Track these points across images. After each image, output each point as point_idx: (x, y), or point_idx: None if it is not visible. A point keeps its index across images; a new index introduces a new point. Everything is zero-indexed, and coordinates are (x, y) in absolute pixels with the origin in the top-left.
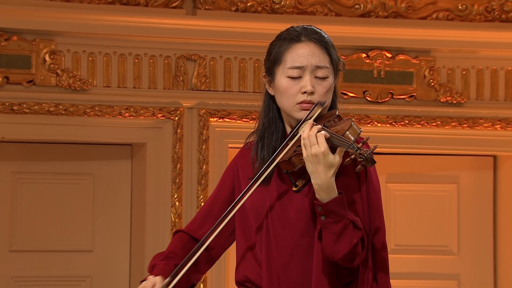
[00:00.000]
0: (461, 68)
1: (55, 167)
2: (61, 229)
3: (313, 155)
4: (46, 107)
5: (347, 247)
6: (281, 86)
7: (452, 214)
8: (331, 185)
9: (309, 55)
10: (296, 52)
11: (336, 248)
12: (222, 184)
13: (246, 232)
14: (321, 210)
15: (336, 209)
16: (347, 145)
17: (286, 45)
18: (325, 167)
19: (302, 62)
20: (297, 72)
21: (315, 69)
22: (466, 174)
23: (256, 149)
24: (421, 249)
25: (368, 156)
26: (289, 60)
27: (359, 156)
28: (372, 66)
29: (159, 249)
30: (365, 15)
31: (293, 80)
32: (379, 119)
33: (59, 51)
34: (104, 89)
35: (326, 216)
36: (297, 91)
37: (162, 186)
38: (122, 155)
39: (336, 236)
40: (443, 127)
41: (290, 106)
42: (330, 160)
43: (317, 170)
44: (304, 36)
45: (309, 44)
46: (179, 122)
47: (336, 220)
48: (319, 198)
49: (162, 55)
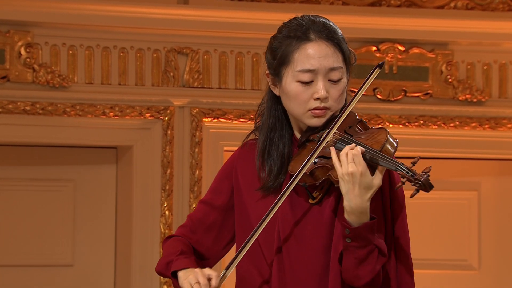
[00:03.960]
0: (482, 63)
1: (31, 172)
2: (38, 241)
3: (349, 174)
4: (22, 106)
5: (370, 274)
6: (291, 91)
7: (472, 224)
8: (365, 210)
9: (321, 57)
10: (306, 53)
11: (359, 273)
12: (218, 189)
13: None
14: (349, 233)
15: (365, 234)
16: (395, 166)
17: (295, 44)
18: (362, 188)
19: (314, 64)
20: (308, 76)
21: (328, 72)
22: (487, 180)
23: (262, 156)
24: (437, 263)
25: (426, 181)
26: (299, 62)
27: (415, 181)
28: (383, 60)
29: (147, 263)
30: (375, 4)
31: (304, 85)
32: (391, 119)
33: (35, 44)
34: (86, 86)
35: (352, 240)
36: (309, 97)
37: (151, 194)
38: (106, 159)
39: (358, 262)
40: (462, 128)
41: (301, 113)
42: (368, 182)
43: (353, 191)
44: (313, 33)
45: (320, 43)
46: (169, 123)
47: (362, 245)
48: (349, 220)
49: (150, 48)
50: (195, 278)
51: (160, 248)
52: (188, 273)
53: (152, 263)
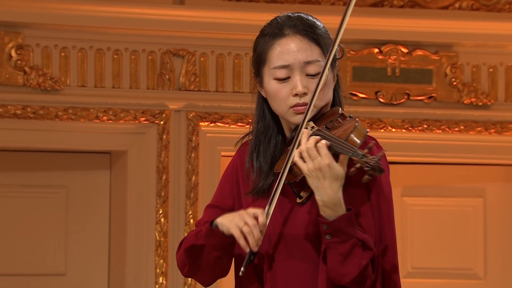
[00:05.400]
0: (487, 65)
1: (22, 178)
2: (29, 250)
3: (316, 169)
4: (12, 110)
5: (356, 269)
6: (270, 89)
7: (478, 232)
8: (338, 201)
9: (295, 51)
10: (280, 49)
11: (344, 271)
12: (222, 193)
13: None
14: (327, 229)
15: (344, 227)
16: (351, 152)
17: (269, 41)
18: (331, 180)
19: (288, 59)
20: (284, 72)
21: (304, 66)
22: (493, 186)
23: (251, 158)
24: (442, 272)
25: (376, 164)
26: (274, 59)
27: (365, 164)
28: (386, 63)
29: (141, 272)
30: (377, 5)
31: (282, 82)
32: (394, 123)
33: (26, 46)
34: (79, 89)
35: (332, 235)
36: (288, 94)
37: (145, 200)
38: (100, 164)
39: (343, 258)
40: (467, 132)
41: (283, 111)
42: (336, 172)
43: (322, 185)
44: (287, 28)
45: (294, 37)
46: (164, 127)
47: (343, 240)
48: (324, 215)
49: (145, 50)
50: (242, 220)
51: (155, 257)
52: (230, 217)
53: (146, 272)
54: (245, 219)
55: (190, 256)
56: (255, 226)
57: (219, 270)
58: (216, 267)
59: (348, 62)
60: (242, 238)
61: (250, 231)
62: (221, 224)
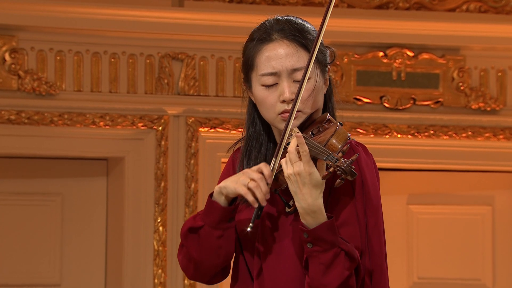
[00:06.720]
0: (496, 69)
1: (16, 185)
2: (23, 259)
3: (295, 173)
4: (6, 115)
5: (338, 280)
6: (258, 96)
7: (486, 241)
8: (318, 207)
9: (282, 57)
10: (267, 55)
11: (325, 281)
12: None
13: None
14: (308, 237)
15: (325, 235)
16: (325, 156)
17: (257, 46)
18: (310, 187)
19: (275, 67)
20: (272, 79)
21: (292, 73)
22: (502, 194)
23: (243, 165)
24: (449, 283)
25: (347, 168)
26: (261, 66)
27: (337, 168)
28: (391, 66)
29: (139, 283)
30: (382, 7)
31: (269, 89)
32: (399, 129)
33: (21, 49)
34: (75, 93)
35: (313, 244)
36: (275, 101)
37: (143, 208)
38: (96, 171)
39: (325, 267)
40: (475, 138)
41: (272, 117)
42: (316, 179)
43: (301, 191)
44: (275, 33)
45: (281, 42)
46: (163, 133)
47: (325, 249)
48: (305, 223)
49: (143, 53)
50: (247, 178)
51: (153, 266)
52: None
53: (144, 283)
54: (250, 175)
55: (189, 240)
56: (262, 179)
57: (222, 256)
58: (217, 252)
59: (352, 66)
60: (249, 193)
61: (256, 185)
62: (225, 187)
